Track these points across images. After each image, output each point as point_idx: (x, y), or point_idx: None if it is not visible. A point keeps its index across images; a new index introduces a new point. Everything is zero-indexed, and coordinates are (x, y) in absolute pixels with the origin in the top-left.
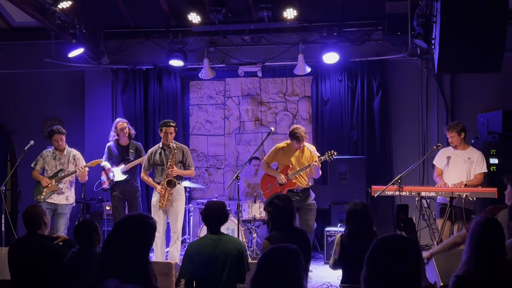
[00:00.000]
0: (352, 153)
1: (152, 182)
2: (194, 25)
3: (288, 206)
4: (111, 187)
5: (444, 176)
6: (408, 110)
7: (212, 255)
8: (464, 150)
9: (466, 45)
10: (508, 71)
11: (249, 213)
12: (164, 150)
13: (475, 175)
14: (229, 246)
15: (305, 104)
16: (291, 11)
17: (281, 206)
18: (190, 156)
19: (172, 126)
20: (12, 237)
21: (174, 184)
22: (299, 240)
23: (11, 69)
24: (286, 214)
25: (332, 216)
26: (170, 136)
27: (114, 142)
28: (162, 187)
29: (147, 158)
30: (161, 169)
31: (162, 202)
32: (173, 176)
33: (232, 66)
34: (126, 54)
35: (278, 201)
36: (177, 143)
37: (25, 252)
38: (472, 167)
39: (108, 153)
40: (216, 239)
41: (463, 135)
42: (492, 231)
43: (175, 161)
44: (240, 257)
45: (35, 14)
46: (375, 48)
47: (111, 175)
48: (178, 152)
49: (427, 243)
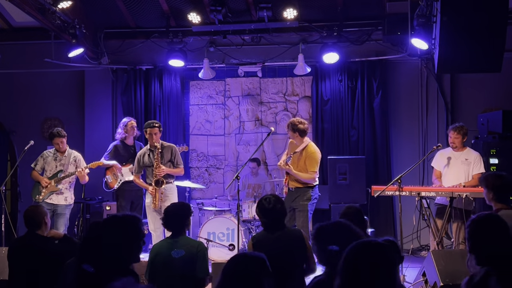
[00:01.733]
0: (352, 153)
1: (144, 184)
2: (194, 25)
3: (274, 207)
4: (119, 187)
5: (443, 177)
6: (408, 110)
7: (168, 257)
8: (461, 151)
9: (466, 45)
10: (508, 71)
11: (249, 213)
12: (152, 151)
13: (473, 176)
14: (184, 249)
15: (305, 104)
16: (291, 11)
17: (266, 207)
18: (178, 155)
19: (156, 127)
20: (12, 237)
21: (161, 183)
22: (292, 240)
23: (11, 69)
24: (272, 215)
25: (332, 216)
26: (155, 137)
27: (121, 141)
28: (152, 188)
29: (137, 161)
30: (151, 170)
31: (154, 203)
32: (161, 175)
33: (232, 66)
34: (126, 54)
35: (265, 203)
36: (164, 142)
37: (24, 252)
38: (470, 168)
39: (114, 152)
40: (172, 241)
41: (465, 139)
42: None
43: (165, 160)
44: (192, 260)
45: (35, 14)
46: (375, 48)
47: (120, 174)
48: (166, 152)
49: (427, 243)
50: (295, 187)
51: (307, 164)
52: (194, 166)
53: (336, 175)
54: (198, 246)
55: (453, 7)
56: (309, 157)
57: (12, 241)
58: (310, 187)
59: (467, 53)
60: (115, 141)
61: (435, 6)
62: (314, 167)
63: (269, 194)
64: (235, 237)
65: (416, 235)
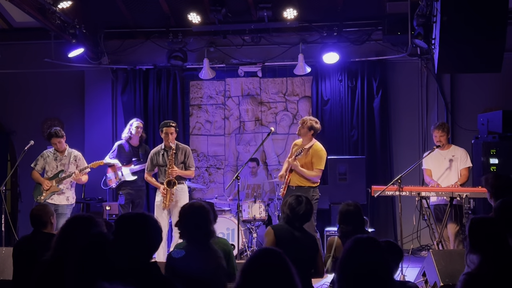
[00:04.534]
0: (352, 153)
1: (155, 182)
2: (194, 25)
3: (305, 207)
4: (118, 186)
5: (435, 178)
6: (408, 110)
7: None
8: (447, 149)
9: (466, 45)
10: (508, 71)
11: (249, 213)
12: (167, 151)
13: (460, 171)
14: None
15: (305, 104)
16: (291, 11)
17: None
18: (191, 157)
19: (173, 126)
20: (12, 237)
21: (173, 184)
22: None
23: (11, 69)
24: (300, 215)
25: (332, 216)
26: (171, 137)
27: (126, 141)
28: (163, 188)
29: (150, 159)
30: (164, 170)
31: (165, 203)
32: (174, 176)
33: (232, 66)
34: (126, 54)
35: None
36: (179, 143)
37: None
38: (457, 164)
39: (118, 151)
40: None
41: (449, 135)
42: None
43: (178, 162)
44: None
45: (35, 14)
46: (375, 48)
47: (120, 173)
48: (180, 153)
49: (427, 243)
50: (297, 186)
51: (314, 162)
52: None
53: (336, 175)
54: (226, 244)
55: (453, 7)
56: (316, 154)
57: (18, 240)
58: (311, 186)
59: (467, 53)
60: (120, 140)
61: (435, 6)
62: (321, 164)
63: (303, 195)
64: (235, 237)
65: (416, 235)
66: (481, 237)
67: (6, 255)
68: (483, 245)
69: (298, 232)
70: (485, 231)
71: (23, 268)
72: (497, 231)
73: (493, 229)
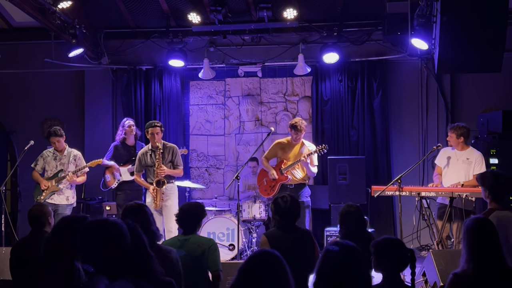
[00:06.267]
0: (352, 153)
1: (145, 183)
2: (194, 25)
3: (290, 208)
4: (116, 186)
5: (443, 176)
6: (408, 110)
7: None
8: (463, 150)
9: (466, 45)
10: (508, 71)
11: (249, 213)
12: (154, 151)
13: (473, 176)
14: (194, 247)
15: (305, 104)
16: (291, 11)
17: (282, 207)
18: (179, 156)
19: (158, 126)
20: (12, 237)
21: (162, 184)
22: (304, 240)
23: (11, 69)
24: (286, 215)
25: (332, 216)
26: (157, 137)
27: (121, 142)
28: (153, 187)
29: (138, 160)
30: (152, 170)
31: (156, 203)
32: (163, 176)
33: (232, 66)
34: (126, 54)
35: (281, 201)
36: (167, 143)
37: (29, 252)
38: (470, 167)
39: (114, 153)
40: (183, 239)
41: (462, 139)
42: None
43: (166, 161)
44: (203, 256)
45: (35, 14)
46: (375, 48)
47: (118, 174)
48: (167, 152)
49: (427, 243)
50: (295, 184)
51: (311, 158)
52: (194, 166)
53: (336, 175)
54: (209, 242)
55: (453, 7)
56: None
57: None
58: (304, 184)
59: (467, 53)
60: (115, 142)
61: (435, 6)
62: (316, 160)
63: (286, 193)
64: (235, 237)
65: (416, 235)
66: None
67: (6, 255)
68: (473, 245)
69: (292, 234)
70: (478, 233)
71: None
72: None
73: (485, 230)
